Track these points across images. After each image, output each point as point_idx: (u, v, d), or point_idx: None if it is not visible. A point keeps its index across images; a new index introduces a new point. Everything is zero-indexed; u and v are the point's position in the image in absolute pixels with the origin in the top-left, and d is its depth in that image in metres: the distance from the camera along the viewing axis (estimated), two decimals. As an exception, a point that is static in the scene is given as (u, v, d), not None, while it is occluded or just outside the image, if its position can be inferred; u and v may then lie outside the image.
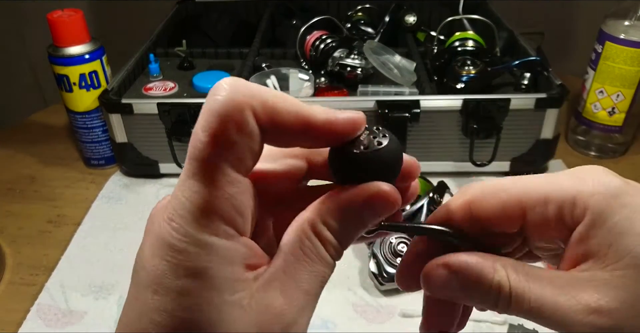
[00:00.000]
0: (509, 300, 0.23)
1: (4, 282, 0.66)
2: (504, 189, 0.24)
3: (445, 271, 0.24)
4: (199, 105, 0.74)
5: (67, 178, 0.84)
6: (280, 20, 1.09)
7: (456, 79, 0.81)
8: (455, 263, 0.24)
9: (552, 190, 0.23)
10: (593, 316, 0.21)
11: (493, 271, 0.23)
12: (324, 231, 0.22)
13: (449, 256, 0.24)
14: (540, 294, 0.22)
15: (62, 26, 0.75)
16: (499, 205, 0.24)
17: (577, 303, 0.21)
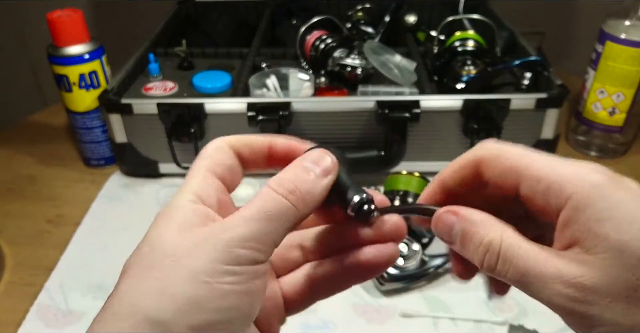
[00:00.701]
0: (495, 261, 0.25)
1: (4, 282, 0.66)
2: (508, 157, 0.26)
3: (453, 217, 0.27)
4: (199, 105, 0.74)
5: (67, 179, 0.84)
6: (280, 20, 1.09)
7: (456, 79, 0.81)
8: (461, 213, 0.26)
9: (549, 172, 0.25)
10: (572, 289, 0.23)
11: (489, 230, 0.25)
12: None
13: (461, 207, 0.27)
14: (527, 262, 0.24)
15: (62, 26, 0.75)
16: (500, 170, 0.27)
17: (560, 274, 0.23)
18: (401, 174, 0.67)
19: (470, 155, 0.28)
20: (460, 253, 0.27)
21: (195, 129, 0.75)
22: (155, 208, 0.76)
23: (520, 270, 0.24)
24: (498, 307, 0.60)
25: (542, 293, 0.23)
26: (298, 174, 0.26)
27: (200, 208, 0.26)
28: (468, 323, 0.58)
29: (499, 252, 0.25)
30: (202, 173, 0.28)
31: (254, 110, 0.74)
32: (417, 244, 0.62)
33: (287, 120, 0.74)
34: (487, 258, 0.25)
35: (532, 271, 0.24)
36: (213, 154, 0.29)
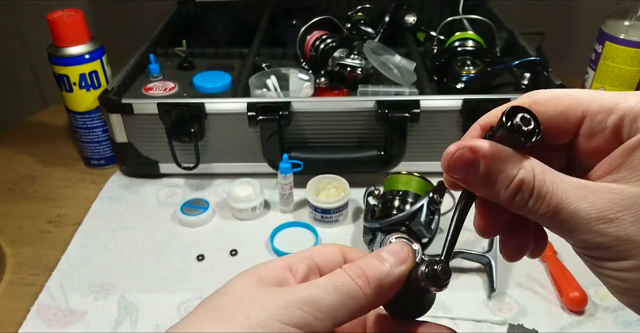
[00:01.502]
0: (528, 197, 0.23)
1: (4, 282, 0.66)
2: (569, 95, 0.25)
3: (470, 154, 0.25)
4: (199, 105, 0.74)
5: (67, 178, 0.85)
6: (280, 20, 1.09)
7: (456, 79, 0.81)
8: (483, 149, 0.24)
9: (620, 101, 0.24)
10: (608, 224, 0.22)
11: (519, 166, 0.24)
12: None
13: (478, 140, 0.25)
14: (561, 197, 0.23)
15: (62, 26, 0.75)
16: (561, 108, 0.25)
17: (596, 211, 0.22)
18: (401, 174, 0.67)
19: (520, 101, 0.26)
20: (481, 192, 0.26)
21: (195, 129, 0.75)
22: (156, 208, 0.76)
23: (553, 207, 0.23)
24: (497, 307, 0.60)
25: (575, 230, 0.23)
26: (371, 262, 0.27)
27: (283, 272, 0.28)
28: (468, 323, 0.58)
29: (532, 188, 0.23)
30: (302, 254, 0.30)
31: (254, 110, 0.74)
32: (417, 244, 0.62)
33: (287, 120, 0.74)
34: (520, 195, 0.24)
35: (567, 207, 0.23)
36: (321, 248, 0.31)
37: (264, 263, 0.29)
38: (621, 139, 0.24)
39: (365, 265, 0.27)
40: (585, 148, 0.25)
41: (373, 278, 0.26)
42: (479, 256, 0.63)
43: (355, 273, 0.26)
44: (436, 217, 0.64)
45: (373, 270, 0.27)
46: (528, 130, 0.23)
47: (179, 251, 0.68)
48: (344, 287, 0.26)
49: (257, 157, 0.78)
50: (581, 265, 0.25)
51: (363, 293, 0.26)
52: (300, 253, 0.30)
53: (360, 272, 0.26)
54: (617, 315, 0.59)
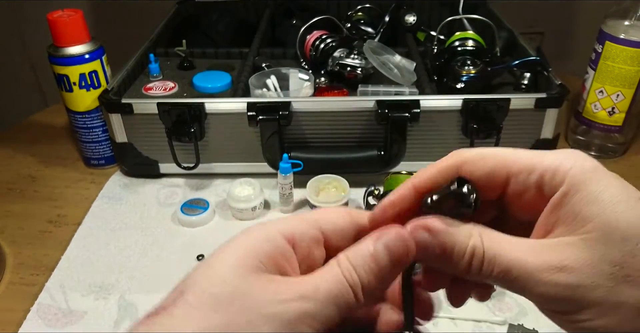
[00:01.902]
0: (481, 264, 0.25)
1: (4, 282, 0.66)
2: (494, 155, 0.27)
3: (425, 234, 0.26)
4: (199, 105, 0.74)
5: (67, 179, 0.85)
6: (280, 20, 1.09)
7: (456, 78, 0.81)
8: (432, 226, 0.26)
9: (538, 161, 0.26)
10: (558, 274, 0.23)
11: (469, 236, 0.25)
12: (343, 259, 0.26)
13: (425, 219, 0.26)
14: (511, 258, 0.24)
15: (62, 26, 0.75)
16: (487, 169, 0.27)
17: (544, 263, 0.23)
18: (401, 174, 0.67)
19: (449, 160, 0.28)
20: (440, 267, 0.26)
21: (195, 129, 0.75)
22: (156, 208, 0.76)
23: (504, 267, 0.24)
24: (498, 307, 0.60)
25: (528, 285, 0.24)
26: (368, 265, 0.26)
27: (283, 246, 0.26)
28: (468, 323, 0.58)
29: (482, 254, 0.25)
30: (309, 219, 0.28)
31: (254, 110, 0.74)
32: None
33: (287, 120, 0.74)
34: (474, 264, 0.25)
35: (516, 265, 0.24)
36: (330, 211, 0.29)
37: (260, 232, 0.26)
38: (545, 196, 0.25)
39: (361, 268, 0.25)
40: (515, 204, 0.27)
41: (369, 286, 0.26)
42: (479, 256, 0.63)
43: (354, 281, 0.25)
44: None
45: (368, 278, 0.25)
46: (473, 200, 0.25)
47: (179, 251, 0.68)
48: (342, 297, 0.25)
49: (257, 157, 0.78)
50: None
51: (358, 301, 0.25)
52: (307, 219, 0.28)
53: (357, 282, 0.25)
54: (617, 315, 0.58)
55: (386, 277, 0.26)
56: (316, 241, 0.27)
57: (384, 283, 0.26)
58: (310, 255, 0.27)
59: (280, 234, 0.26)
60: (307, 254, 0.27)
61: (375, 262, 0.26)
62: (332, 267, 0.26)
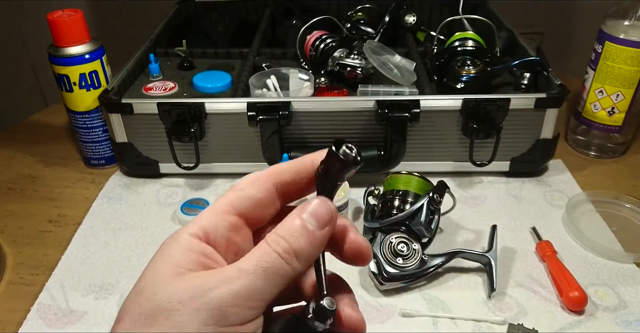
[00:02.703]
0: None
1: (4, 282, 0.66)
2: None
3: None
4: (199, 105, 0.74)
5: (67, 178, 0.85)
6: (280, 20, 1.09)
7: (456, 78, 0.81)
8: None
9: None
10: None
11: None
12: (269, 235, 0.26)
13: None
14: None
15: (62, 26, 0.75)
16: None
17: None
18: (401, 174, 0.67)
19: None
20: None
21: (195, 128, 0.75)
22: (156, 208, 0.76)
23: None
24: (497, 307, 0.60)
25: None
26: (296, 230, 0.26)
27: (199, 246, 0.26)
28: (468, 323, 0.58)
29: None
30: (219, 207, 0.27)
31: (254, 110, 0.74)
32: (416, 244, 0.62)
33: (287, 120, 0.74)
34: None
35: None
36: (244, 187, 0.28)
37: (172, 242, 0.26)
38: None
39: (290, 236, 0.25)
40: None
41: (299, 250, 0.25)
42: (479, 256, 0.63)
43: (282, 248, 0.25)
44: (436, 217, 0.64)
45: (298, 241, 0.25)
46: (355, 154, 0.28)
47: (179, 251, 0.68)
48: (273, 267, 0.24)
49: (257, 157, 0.78)
50: (581, 265, 0.25)
51: (292, 268, 0.25)
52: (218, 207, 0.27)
53: (287, 246, 0.25)
54: (617, 315, 0.59)
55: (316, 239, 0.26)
56: (232, 227, 0.27)
57: (316, 246, 0.26)
58: (231, 242, 0.27)
59: (191, 236, 0.26)
60: (227, 243, 0.27)
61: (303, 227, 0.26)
62: (259, 244, 0.25)
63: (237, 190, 0.28)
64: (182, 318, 0.23)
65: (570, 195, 0.76)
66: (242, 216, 0.28)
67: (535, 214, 0.74)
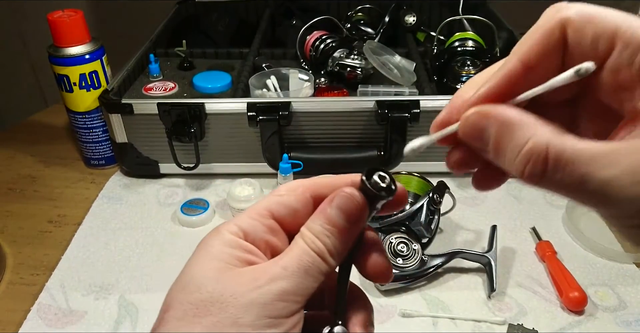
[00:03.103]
0: (542, 168, 0.21)
1: (4, 282, 0.66)
2: (602, 18, 0.22)
3: (484, 120, 0.23)
4: (199, 105, 0.74)
5: (68, 178, 0.85)
6: (280, 20, 1.09)
7: (456, 79, 0.81)
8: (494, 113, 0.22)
9: None
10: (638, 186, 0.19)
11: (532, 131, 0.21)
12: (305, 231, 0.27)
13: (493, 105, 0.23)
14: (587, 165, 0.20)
15: (63, 26, 0.75)
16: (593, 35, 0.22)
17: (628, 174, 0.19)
18: (401, 174, 0.67)
19: (551, 22, 0.23)
20: (495, 162, 0.23)
21: (195, 128, 0.75)
22: (156, 208, 0.76)
23: (578, 177, 0.20)
24: (497, 307, 0.60)
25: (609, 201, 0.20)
26: (326, 228, 0.27)
27: (241, 243, 0.27)
28: (467, 323, 0.58)
29: (546, 157, 0.21)
30: (256, 211, 0.28)
31: (254, 110, 0.74)
32: (416, 244, 0.62)
33: (287, 120, 0.74)
34: (531, 166, 0.21)
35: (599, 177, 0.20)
36: (283, 193, 0.29)
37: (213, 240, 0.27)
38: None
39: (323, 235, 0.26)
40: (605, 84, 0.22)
41: (332, 249, 0.26)
42: (479, 256, 0.63)
43: (319, 248, 0.26)
44: (436, 217, 0.64)
45: (332, 241, 0.26)
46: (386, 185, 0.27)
47: (179, 251, 0.68)
48: (313, 266, 0.26)
49: (257, 157, 0.78)
50: (581, 265, 0.25)
51: (329, 265, 0.26)
52: (257, 211, 0.28)
53: (322, 247, 0.26)
54: (617, 315, 0.59)
55: (347, 236, 0.27)
56: (270, 230, 0.28)
57: (347, 242, 0.27)
58: (269, 244, 0.28)
59: (233, 235, 0.27)
60: (266, 244, 0.28)
61: (333, 224, 0.26)
62: (296, 242, 0.27)
63: (276, 195, 0.29)
64: (235, 310, 0.24)
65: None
66: (278, 220, 0.28)
67: (535, 214, 0.74)
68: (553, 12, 0.23)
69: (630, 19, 0.21)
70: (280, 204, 0.28)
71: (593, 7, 0.22)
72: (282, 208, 0.28)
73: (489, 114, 0.23)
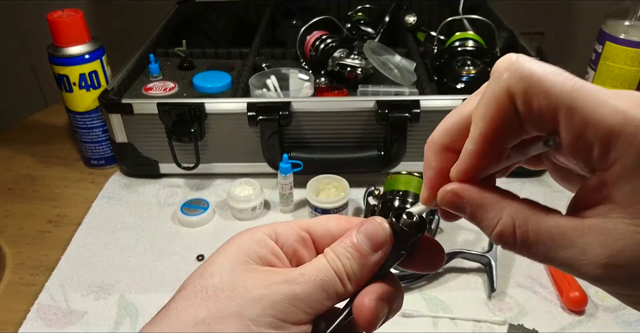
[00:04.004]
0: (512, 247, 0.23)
1: (4, 282, 0.66)
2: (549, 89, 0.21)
3: (459, 200, 0.25)
4: (199, 105, 0.74)
5: (67, 179, 0.85)
6: (280, 20, 1.09)
7: (456, 79, 0.81)
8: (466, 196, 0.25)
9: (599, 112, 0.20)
10: (602, 270, 0.21)
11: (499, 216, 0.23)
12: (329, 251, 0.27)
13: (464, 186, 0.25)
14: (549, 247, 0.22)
15: (62, 26, 0.75)
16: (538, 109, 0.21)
17: (585, 258, 0.21)
18: (401, 174, 0.67)
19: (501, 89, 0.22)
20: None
21: (195, 129, 0.75)
22: (156, 208, 0.76)
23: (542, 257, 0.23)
24: (497, 307, 0.60)
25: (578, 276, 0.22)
26: (348, 251, 0.27)
27: (270, 244, 0.28)
28: (468, 323, 0.58)
29: (514, 239, 0.23)
30: (296, 223, 0.29)
31: (254, 110, 0.74)
32: (417, 244, 0.62)
33: (287, 120, 0.74)
34: (502, 244, 0.24)
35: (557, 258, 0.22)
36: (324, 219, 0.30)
37: (246, 236, 0.28)
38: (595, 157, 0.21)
39: (344, 257, 0.27)
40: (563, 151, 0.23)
41: (351, 274, 0.27)
42: (479, 256, 0.63)
43: (339, 268, 0.27)
44: (436, 217, 0.64)
45: (351, 264, 0.27)
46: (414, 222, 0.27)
47: (179, 251, 0.68)
48: (330, 283, 0.26)
49: (257, 157, 0.78)
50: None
51: (345, 288, 0.27)
52: (296, 222, 0.29)
53: (342, 268, 0.27)
54: (617, 315, 0.59)
55: (367, 262, 0.27)
56: (302, 241, 0.29)
57: (366, 270, 0.27)
58: (297, 254, 0.28)
59: (265, 235, 0.28)
60: (293, 253, 0.28)
61: (356, 249, 0.27)
62: (318, 258, 0.27)
63: (317, 218, 0.30)
64: (243, 301, 0.24)
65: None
66: (313, 238, 0.29)
67: (536, 214, 0.73)
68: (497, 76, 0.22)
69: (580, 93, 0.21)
70: (320, 225, 0.29)
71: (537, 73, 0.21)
72: (320, 228, 0.29)
73: (462, 195, 0.25)
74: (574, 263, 0.22)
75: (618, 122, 0.20)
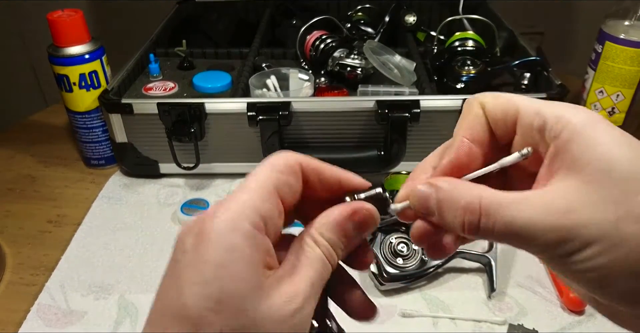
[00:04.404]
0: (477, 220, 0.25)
1: (4, 282, 0.66)
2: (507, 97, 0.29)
3: (429, 189, 0.27)
4: (199, 105, 0.74)
5: (67, 179, 0.85)
6: (280, 20, 1.09)
7: (456, 79, 0.81)
8: (437, 183, 0.27)
9: (544, 106, 0.27)
10: (563, 218, 0.23)
11: (466, 192, 0.26)
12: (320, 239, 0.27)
13: (436, 178, 0.28)
14: (512, 210, 0.24)
15: (62, 26, 0.75)
16: (502, 107, 0.29)
17: (547, 210, 0.24)
18: (401, 174, 0.67)
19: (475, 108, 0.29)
20: (440, 224, 0.28)
21: (195, 129, 0.75)
22: (156, 208, 0.76)
23: (506, 221, 0.24)
24: (497, 307, 0.60)
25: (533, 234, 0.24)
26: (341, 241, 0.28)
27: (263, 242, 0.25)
28: (468, 323, 0.58)
29: (479, 210, 0.25)
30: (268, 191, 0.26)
31: (254, 110, 0.74)
32: (417, 244, 0.62)
33: (287, 120, 0.74)
34: (468, 219, 0.25)
35: (518, 217, 0.24)
36: (283, 170, 0.27)
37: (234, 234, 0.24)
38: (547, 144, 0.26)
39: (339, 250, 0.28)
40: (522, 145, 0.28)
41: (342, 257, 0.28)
42: (479, 256, 0.63)
43: (335, 261, 0.28)
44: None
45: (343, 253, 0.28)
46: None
47: (179, 251, 0.68)
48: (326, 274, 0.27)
49: (257, 157, 0.78)
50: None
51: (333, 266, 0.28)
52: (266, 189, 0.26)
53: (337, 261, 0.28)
54: (617, 315, 0.58)
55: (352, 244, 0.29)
56: (279, 215, 0.27)
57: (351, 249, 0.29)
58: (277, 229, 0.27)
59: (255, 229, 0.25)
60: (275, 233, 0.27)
61: (349, 241, 0.28)
62: (313, 250, 0.27)
63: (277, 172, 0.27)
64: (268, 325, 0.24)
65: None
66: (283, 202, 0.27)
67: (536, 214, 0.74)
68: (473, 99, 0.30)
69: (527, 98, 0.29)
70: (285, 185, 0.27)
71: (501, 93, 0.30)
72: (287, 189, 0.27)
73: (432, 183, 0.27)
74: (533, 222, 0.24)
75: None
